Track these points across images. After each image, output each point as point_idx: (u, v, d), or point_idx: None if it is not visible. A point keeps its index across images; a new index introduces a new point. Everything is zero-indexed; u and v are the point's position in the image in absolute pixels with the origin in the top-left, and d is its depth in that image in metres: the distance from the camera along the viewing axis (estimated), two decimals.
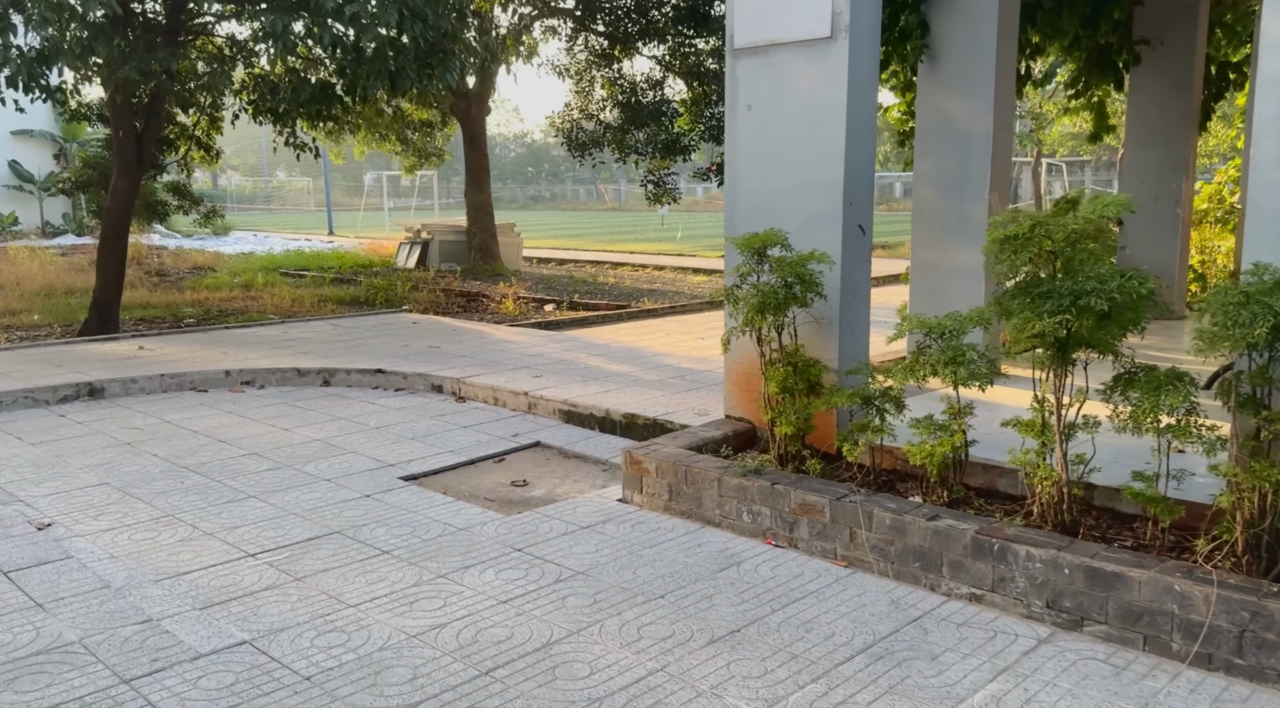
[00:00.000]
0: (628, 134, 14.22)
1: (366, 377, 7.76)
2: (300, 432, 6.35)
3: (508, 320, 11.63)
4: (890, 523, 3.87)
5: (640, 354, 8.50)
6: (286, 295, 14.03)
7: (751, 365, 5.12)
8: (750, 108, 5.07)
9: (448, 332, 9.93)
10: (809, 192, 4.88)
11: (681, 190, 15.21)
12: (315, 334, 9.77)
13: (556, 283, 16.17)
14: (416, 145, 22.66)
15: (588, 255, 22.03)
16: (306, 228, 34.60)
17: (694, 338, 9.83)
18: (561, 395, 6.66)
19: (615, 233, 30.99)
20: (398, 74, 8.23)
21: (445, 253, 18.64)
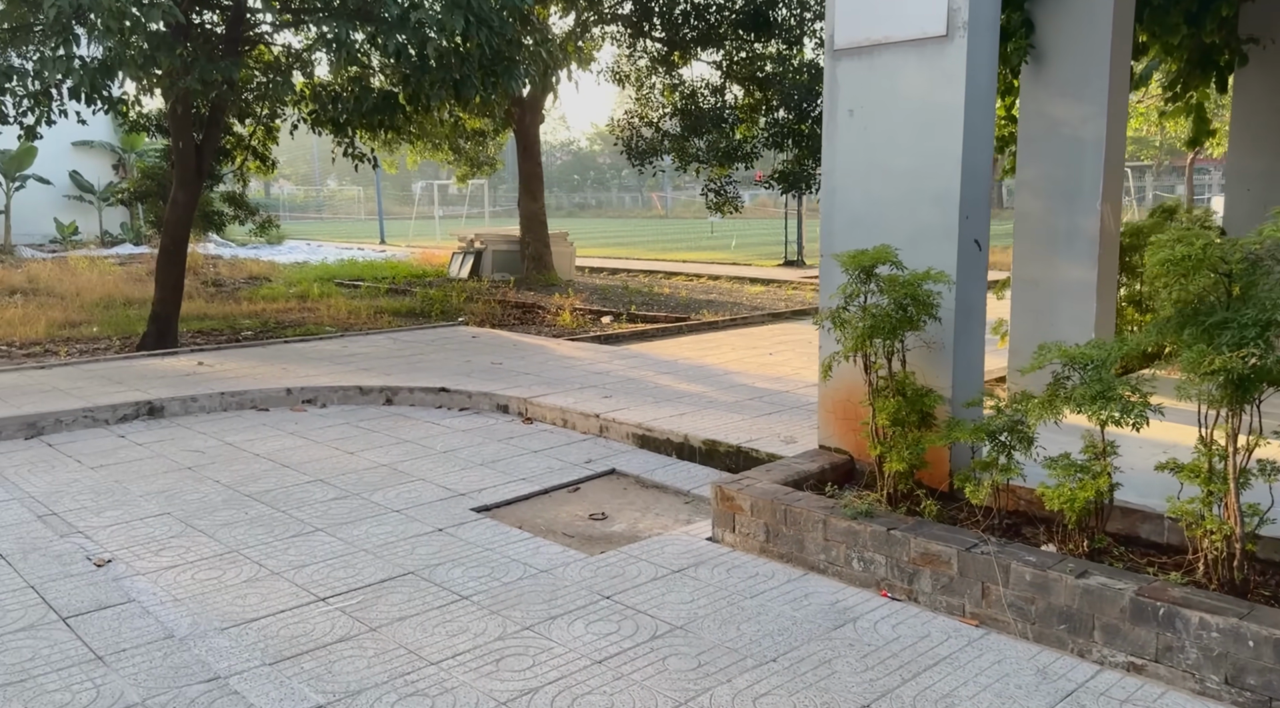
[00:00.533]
0: (688, 142, 13.86)
1: (430, 396, 7.48)
2: (365, 456, 6.07)
3: (566, 334, 11.32)
4: (1031, 579, 3.44)
5: (711, 373, 8.12)
6: (343, 307, 13.90)
7: (852, 393, 4.72)
8: (852, 113, 4.68)
9: (508, 347, 9.64)
10: (918, 203, 4.47)
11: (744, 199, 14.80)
12: (374, 349, 9.54)
13: (611, 294, 15.86)
14: (469, 154, 22.60)
15: (640, 264, 21.72)
16: (358, 237, 34.79)
17: (761, 354, 9.44)
18: (635, 418, 6.31)
19: (665, 241, 30.66)
20: (462, 82, 7.96)
21: (498, 263, 18.44)
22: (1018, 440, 3.94)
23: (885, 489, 4.31)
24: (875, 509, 4.05)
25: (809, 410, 6.49)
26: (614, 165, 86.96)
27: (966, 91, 4.28)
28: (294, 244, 30.23)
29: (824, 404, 4.98)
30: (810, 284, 16.70)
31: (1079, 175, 5.87)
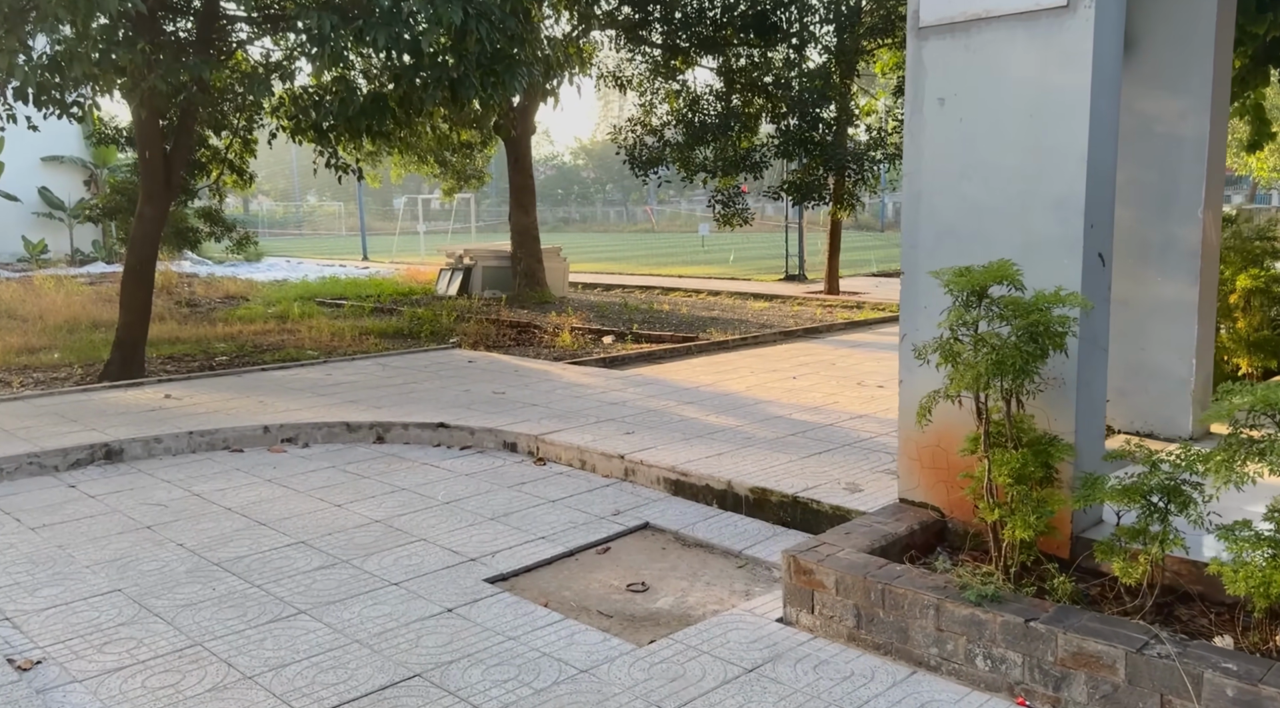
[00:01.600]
0: (693, 150, 13.11)
1: (427, 432, 6.63)
2: (356, 509, 5.22)
3: (568, 356, 10.50)
4: (1235, 694, 2.65)
5: (738, 401, 7.32)
6: (325, 328, 13.02)
7: (945, 439, 3.93)
8: (943, 102, 3.90)
9: (509, 372, 8.81)
10: (1030, 210, 3.70)
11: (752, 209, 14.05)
12: (362, 377, 8.68)
13: (609, 311, 15.06)
14: (456, 167, 21.81)
15: (634, 280, 20.94)
16: (340, 253, 33.82)
17: (783, 377, 8.65)
18: (666, 460, 5.49)
19: (657, 256, 29.91)
20: (459, 83, 7.16)
21: (489, 279, 17.61)
22: (1177, 504, 3.16)
23: (1003, 561, 3.51)
24: (1002, 592, 3.25)
25: (863, 450, 5.70)
26: (598, 180, 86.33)
27: (1094, 73, 3.51)
28: (273, 261, 29.27)
29: (906, 450, 4.18)
30: (815, 300, 15.97)
31: (1175, 179, 5.13)
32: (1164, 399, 5.23)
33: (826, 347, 10.92)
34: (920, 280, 4.03)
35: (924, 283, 4.01)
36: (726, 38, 13.52)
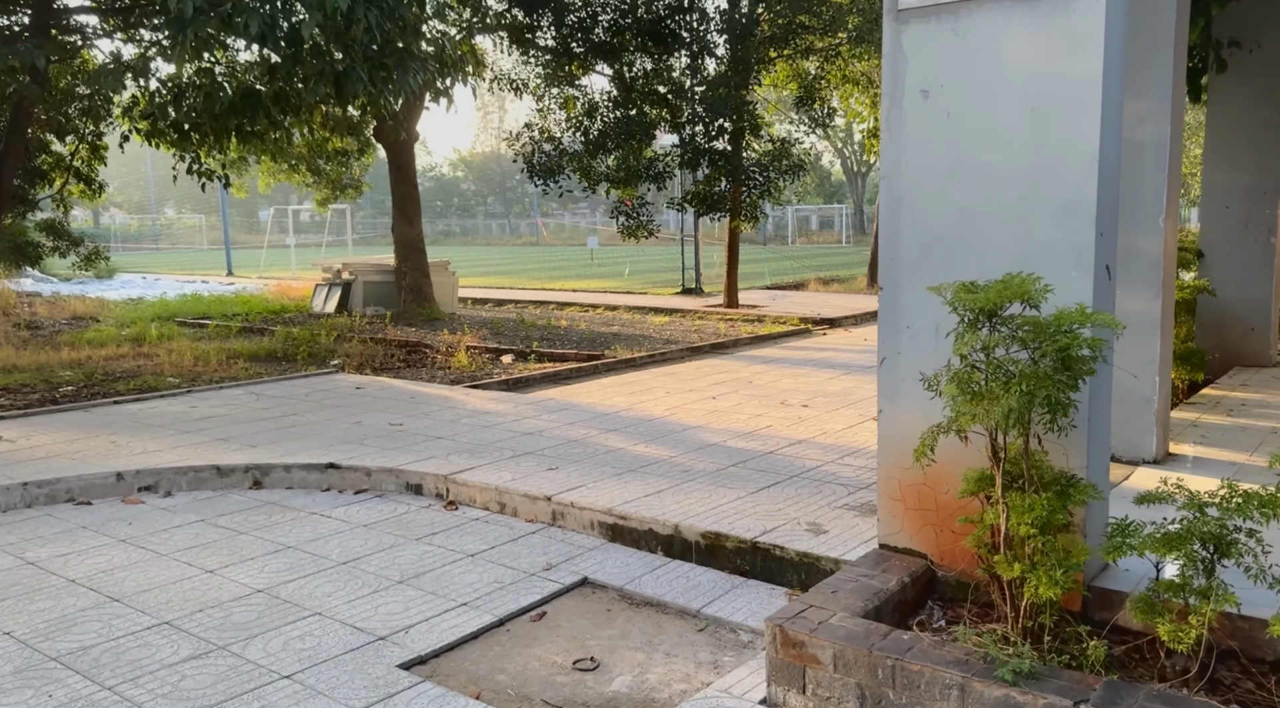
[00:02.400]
0: (593, 159, 12.51)
1: (314, 474, 5.78)
2: (232, 575, 4.36)
3: (467, 379, 9.72)
4: None
5: (665, 427, 6.74)
6: (188, 351, 11.77)
7: (938, 477, 3.45)
8: (927, 94, 3.43)
9: (404, 400, 7.98)
10: (1032, 216, 3.26)
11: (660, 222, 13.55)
12: (233, 408, 7.69)
13: (505, 328, 14.28)
14: (331, 176, 20.63)
15: (526, 295, 20.17)
16: (202, 268, 31.63)
17: (702, 398, 8.15)
18: (599, 501, 4.85)
19: (546, 270, 29.17)
20: (345, 77, 6.35)
21: (371, 295, 16.53)
22: (1229, 554, 2.74)
23: (1019, 622, 3.03)
24: (1037, 667, 2.75)
25: (813, 481, 5.20)
26: (479, 192, 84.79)
27: (1104, 61, 3.10)
28: (127, 278, 27.08)
29: (888, 489, 3.68)
30: (715, 313, 15.63)
31: (1137, 185, 4.86)
32: (1127, 420, 4.94)
33: (738, 363, 10.50)
34: (902, 297, 3.55)
35: (907, 300, 3.53)
36: (621, 44, 13.02)
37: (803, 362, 10.38)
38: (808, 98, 12.48)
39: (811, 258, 32.55)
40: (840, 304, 16.69)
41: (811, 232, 58.39)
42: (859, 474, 5.30)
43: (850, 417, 7.19)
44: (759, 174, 12.10)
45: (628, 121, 11.41)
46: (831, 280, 21.21)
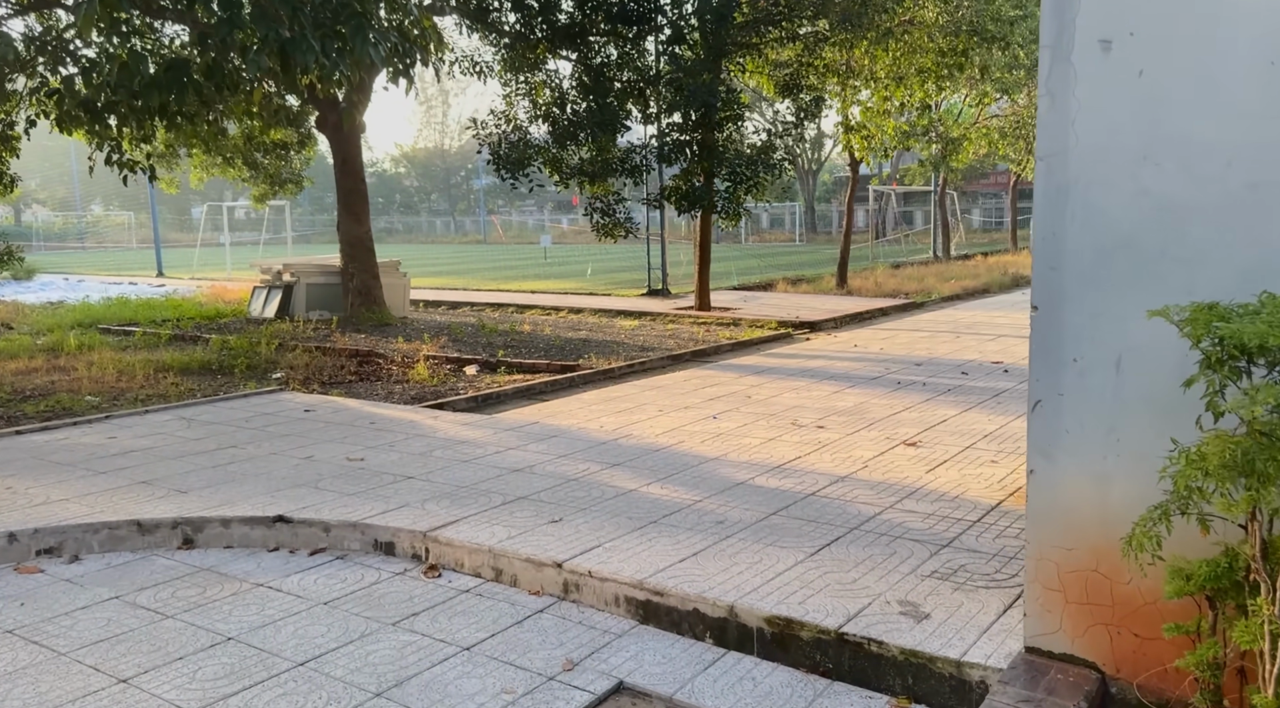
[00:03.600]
0: (564, 151, 11.46)
1: (259, 530, 4.71)
2: (154, 687, 3.30)
3: (430, 396, 8.65)
4: None
5: (675, 459, 5.79)
6: (110, 364, 10.48)
7: (1112, 562, 2.56)
8: (1109, 46, 2.54)
9: (363, 426, 6.90)
10: (1271, 211, 2.38)
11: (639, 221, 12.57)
12: (159, 439, 6.54)
13: (464, 334, 13.19)
14: (269, 170, 19.29)
15: (482, 296, 19.04)
16: (130, 268, 29.73)
17: (701, 417, 7.24)
18: (625, 569, 3.88)
19: (498, 269, 27.97)
20: (293, 44, 5.27)
21: (315, 298, 15.28)
22: None
23: None
24: None
25: (879, 536, 4.30)
26: (422, 188, 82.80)
27: None
28: (48, 279, 25.24)
29: (1041, 573, 2.78)
30: (687, 316, 14.73)
31: None
32: None
33: (727, 374, 9.60)
34: (1068, 319, 2.65)
35: (1075, 324, 2.63)
36: (588, 28, 12.01)
37: (797, 372, 9.52)
38: (792, 86, 11.62)
39: (772, 256, 31.88)
40: (815, 306, 15.92)
41: (763, 230, 57.95)
42: (929, 525, 4.42)
43: (876, 441, 6.34)
44: (744, 168, 11.21)
45: (601, 110, 10.40)
46: (799, 280, 20.46)
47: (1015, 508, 4.62)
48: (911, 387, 8.52)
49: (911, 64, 14.14)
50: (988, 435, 6.51)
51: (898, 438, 6.47)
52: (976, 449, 6.10)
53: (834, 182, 67.58)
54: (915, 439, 6.41)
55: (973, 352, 10.59)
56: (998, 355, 10.26)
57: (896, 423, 6.95)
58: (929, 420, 7.04)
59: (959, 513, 4.56)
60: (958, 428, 6.77)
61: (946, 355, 10.35)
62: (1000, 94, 23.94)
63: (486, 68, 11.96)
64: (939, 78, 14.84)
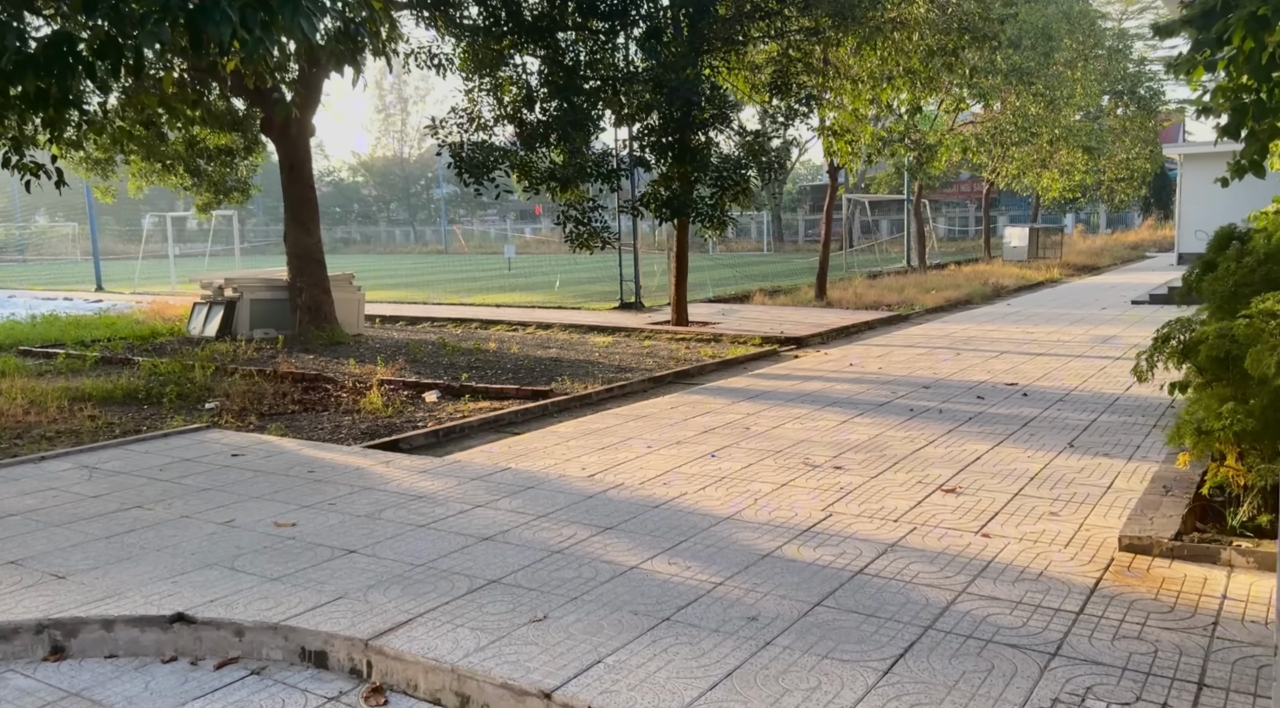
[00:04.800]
0: (533, 154, 10.40)
1: (152, 633, 3.62)
2: None
3: (384, 430, 7.58)
4: None
5: (681, 518, 4.79)
6: (20, 393, 9.24)
7: None
8: None
9: (299, 477, 5.81)
10: None
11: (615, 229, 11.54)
12: (50, 497, 5.40)
13: (423, 353, 12.09)
14: (212, 178, 18.04)
15: (443, 310, 17.91)
16: (70, 282, 28.09)
17: (697, 454, 6.28)
18: (639, 705, 2.87)
19: (460, 281, 26.78)
20: (202, 14, 4.21)
21: (260, 315, 14.08)
22: None
23: None
24: None
25: (969, 643, 3.32)
26: (380, 197, 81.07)
27: None
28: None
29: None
30: (664, 332, 13.76)
31: None
32: None
33: (717, 399, 8.63)
34: None
35: None
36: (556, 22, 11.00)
37: (795, 397, 8.59)
38: (781, 84, 10.68)
39: (744, 266, 31.03)
40: (798, 319, 15.04)
41: (730, 240, 57.31)
42: (1022, 620, 3.46)
43: (907, 486, 5.41)
44: (731, 172, 10.25)
45: (573, 110, 9.37)
46: (776, 292, 19.59)
47: (1120, 590, 3.69)
48: (926, 414, 7.62)
49: (899, 64, 13.33)
50: (1034, 478, 5.61)
51: (931, 481, 5.54)
52: (1028, 497, 5.19)
53: (798, 191, 67.17)
54: (953, 485, 5.49)
55: (979, 371, 9.74)
56: (1009, 376, 9.41)
57: (924, 462, 6.03)
58: (960, 457, 6.13)
59: (1052, 600, 3.61)
60: (995, 467, 5.86)
61: (953, 376, 9.48)
62: (976, 100, 23.36)
63: (446, 61, 10.86)
64: (927, 79, 14.07)
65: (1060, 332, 13.00)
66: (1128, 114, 30.41)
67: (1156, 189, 43.19)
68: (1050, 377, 9.28)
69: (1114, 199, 32.70)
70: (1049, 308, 16.59)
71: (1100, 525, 4.65)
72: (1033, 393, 8.44)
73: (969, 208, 59.25)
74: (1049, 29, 23.37)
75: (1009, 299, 19.15)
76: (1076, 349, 11.24)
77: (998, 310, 16.46)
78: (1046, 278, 24.22)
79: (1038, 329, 13.39)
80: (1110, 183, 31.59)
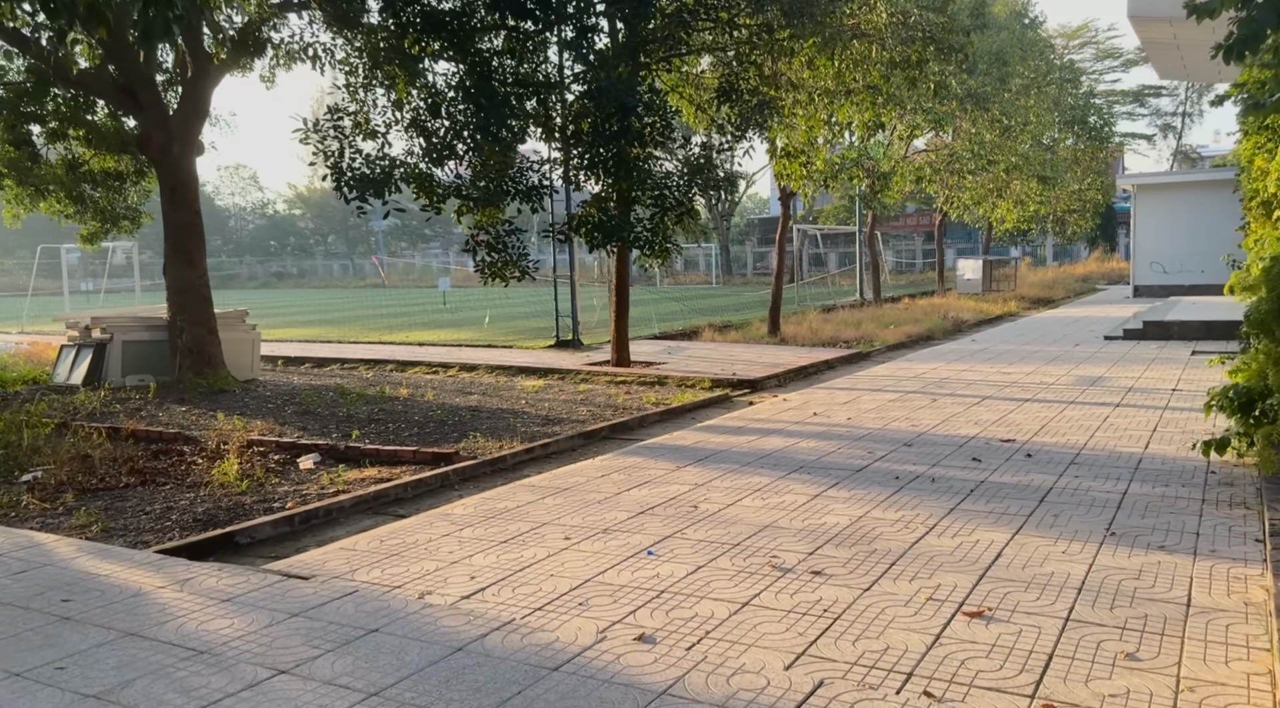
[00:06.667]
0: (440, 166, 8.73)
1: None
2: None
3: (225, 515, 5.85)
4: None
5: (602, 692, 3.17)
6: None
7: None
8: None
9: (41, 609, 4.06)
10: None
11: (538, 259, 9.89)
12: None
13: (318, 403, 10.32)
14: (100, 205, 16.16)
15: (360, 350, 16.09)
16: None
17: (631, 550, 4.72)
18: None
19: (389, 316, 24.92)
20: None
21: (135, 359, 12.16)
22: None
23: None
24: None
25: None
26: (318, 230, 78.60)
27: None
28: None
29: None
30: (603, 374, 12.18)
31: None
32: None
33: (658, 462, 7.05)
34: None
35: None
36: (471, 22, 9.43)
37: (753, 458, 7.05)
38: (729, 89, 9.22)
39: (692, 300, 29.64)
40: (751, 358, 13.58)
41: (678, 273, 56.11)
42: None
43: (915, 605, 3.89)
44: (674, 191, 8.71)
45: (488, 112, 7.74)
46: (727, 327, 18.16)
47: None
48: (916, 484, 6.13)
49: (858, 78, 12.04)
50: (1081, 588, 4.12)
51: (946, 596, 4.03)
52: (1085, 626, 3.70)
53: (746, 223, 66.45)
54: (977, 603, 3.97)
55: (965, 422, 8.30)
56: (1001, 428, 7.99)
57: (929, 561, 4.51)
58: (975, 554, 4.63)
59: None
60: (1026, 570, 4.37)
61: (936, 429, 8.03)
62: (930, 127, 22.39)
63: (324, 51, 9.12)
64: (888, 95, 12.81)
65: (1040, 372, 11.69)
66: (1079, 144, 29.86)
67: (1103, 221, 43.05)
68: (1050, 430, 7.87)
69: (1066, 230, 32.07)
70: (1018, 344, 15.38)
71: (1207, 680, 3.16)
72: (1037, 453, 7.00)
73: (916, 240, 58.92)
74: (1003, 54, 22.57)
75: (972, 334, 17.96)
76: (1066, 393, 9.90)
77: (964, 347, 15.19)
78: (1004, 311, 23.21)
79: (1014, 369, 12.08)
80: (1062, 214, 30.97)
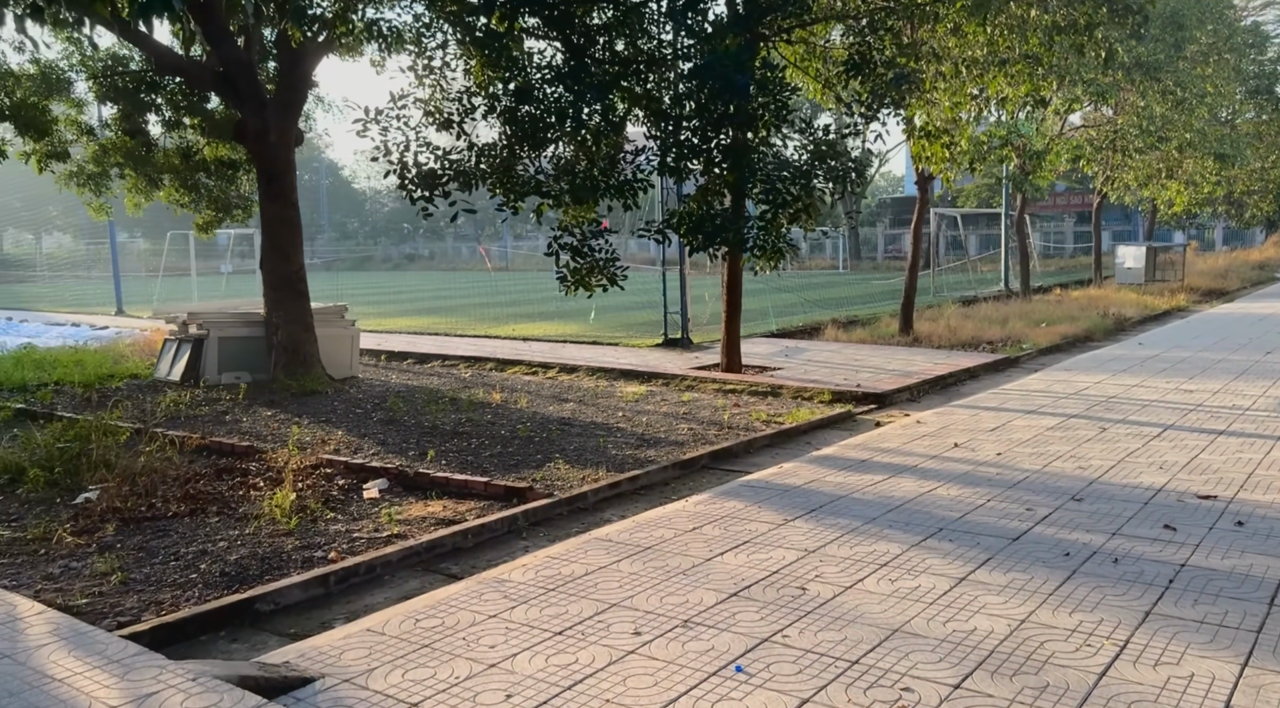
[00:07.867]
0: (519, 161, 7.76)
1: None
2: None
3: (258, 567, 5.11)
4: None
5: None
6: None
7: None
8: None
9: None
10: None
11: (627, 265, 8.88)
12: None
13: (406, 411, 9.63)
14: (214, 194, 16.13)
15: (463, 346, 15.51)
16: (92, 303, 26.64)
17: (714, 660, 3.68)
18: None
19: (504, 304, 24.45)
20: None
21: (229, 357, 11.84)
22: None
23: None
24: None
25: None
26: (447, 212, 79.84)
27: None
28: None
29: None
30: (711, 381, 11.08)
31: None
32: None
33: (761, 512, 5.90)
34: None
35: None
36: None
37: (877, 510, 5.82)
38: (861, 64, 7.87)
39: (814, 290, 27.99)
40: (879, 364, 12.18)
41: (801, 258, 54.04)
42: None
43: None
44: (791, 186, 7.44)
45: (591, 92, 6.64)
46: (852, 323, 16.70)
47: None
48: (1093, 564, 4.79)
49: (1013, 45, 10.41)
50: None
51: None
52: None
53: (878, 204, 63.35)
54: None
55: (1147, 466, 6.79)
56: (1194, 476, 6.45)
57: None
58: (1188, 704, 3.32)
59: None
60: None
61: (1111, 475, 6.56)
62: (1091, 100, 20.04)
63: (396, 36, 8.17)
64: (1049, 65, 11.10)
65: (1229, 390, 9.85)
66: (1262, 117, 26.50)
67: None
68: (1260, 481, 6.29)
69: (1243, 214, 28.65)
70: (1194, 349, 13.33)
71: None
72: (1250, 519, 5.50)
73: (1066, 222, 54.75)
74: (1179, 16, 19.98)
75: (1137, 334, 15.88)
76: (1270, 424, 8.13)
77: (1130, 352, 13.27)
78: (1172, 305, 20.72)
79: (1196, 385, 10.25)
80: (1240, 195, 27.65)
